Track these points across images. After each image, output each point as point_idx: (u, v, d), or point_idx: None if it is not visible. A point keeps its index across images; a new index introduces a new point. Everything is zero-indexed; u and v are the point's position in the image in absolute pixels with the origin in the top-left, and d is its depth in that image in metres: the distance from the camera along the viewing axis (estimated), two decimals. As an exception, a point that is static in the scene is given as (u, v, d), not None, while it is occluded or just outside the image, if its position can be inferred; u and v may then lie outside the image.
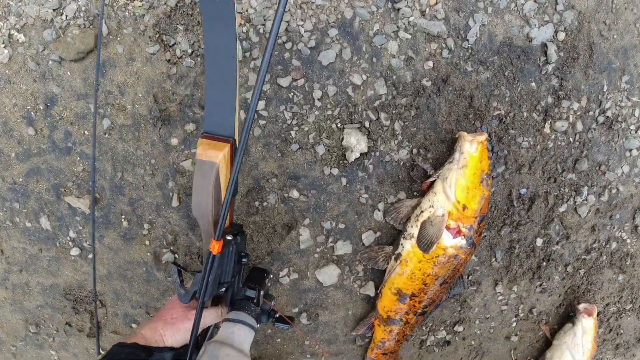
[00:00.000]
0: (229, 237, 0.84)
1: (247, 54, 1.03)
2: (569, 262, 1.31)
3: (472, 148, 1.01)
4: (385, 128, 1.09)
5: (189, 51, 1.04)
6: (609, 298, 1.43)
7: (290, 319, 1.00)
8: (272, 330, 1.27)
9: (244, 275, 0.96)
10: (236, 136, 0.83)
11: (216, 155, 0.79)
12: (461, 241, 1.05)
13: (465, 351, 1.37)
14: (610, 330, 1.49)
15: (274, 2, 1.01)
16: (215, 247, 0.76)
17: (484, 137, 1.01)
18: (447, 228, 1.04)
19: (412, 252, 1.07)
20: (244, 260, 0.90)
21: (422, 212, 1.06)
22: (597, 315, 1.38)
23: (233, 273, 0.89)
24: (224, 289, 0.88)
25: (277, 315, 1.00)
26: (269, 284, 1.08)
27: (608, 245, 1.34)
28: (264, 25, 1.02)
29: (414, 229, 1.07)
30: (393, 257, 1.11)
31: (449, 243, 1.04)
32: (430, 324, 1.29)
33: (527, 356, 1.45)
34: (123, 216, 1.17)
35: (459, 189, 1.02)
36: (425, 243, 1.04)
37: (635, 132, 1.28)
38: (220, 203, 0.85)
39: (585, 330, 1.31)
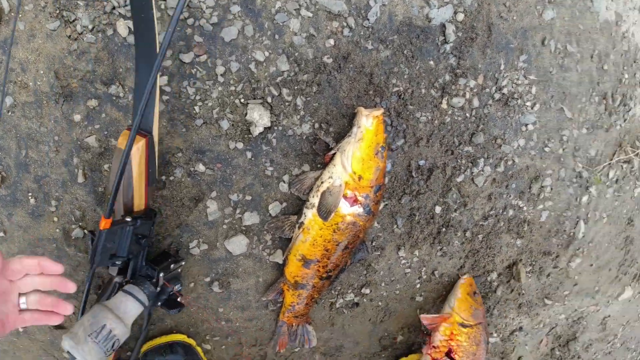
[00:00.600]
0: (127, 219, 0.96)
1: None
2: (468, 227, 1.43)
3: (368, 122, 1.08)
4: (287, 103, 1.14)
5: (90, 27, 1.03)
6: (509, 261, 1.57)
7: (182, 305, 1.11)
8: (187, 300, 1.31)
9: (147, 255, 1.06)
10: (154, 132, 0.98)
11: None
12: (358, 209, 1.12)
13: (373, 312, 1.47)
14: (512, 290, 1.64)
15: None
16: (102, 224, 0.90)
17: (379, 112, 1.08)
18: (345, 197, 1.11)
19: (313, 220, 1.14)
20: (143, 241, 1.01)
21: (322, 182, 1.13)
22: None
23: (131, 251, 0.99)
24: (119, 262, 0.98)
25: (172, 299, 1.10)
26: (179, 270, 1.14)
27: (505, 213, 1.47)
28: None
29: (315, 199, 1.13)
30: (297, 225, 1.18)
31: (347, 211, 1.12)
32: (339, 288, 1.38)
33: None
34: (30, 194, 1.17)
35: (354, 160, 1.09)
36: (324, 211, 1.11)
37: (532, 108, 1.39)
38: (132, 188, 0.97)
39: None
